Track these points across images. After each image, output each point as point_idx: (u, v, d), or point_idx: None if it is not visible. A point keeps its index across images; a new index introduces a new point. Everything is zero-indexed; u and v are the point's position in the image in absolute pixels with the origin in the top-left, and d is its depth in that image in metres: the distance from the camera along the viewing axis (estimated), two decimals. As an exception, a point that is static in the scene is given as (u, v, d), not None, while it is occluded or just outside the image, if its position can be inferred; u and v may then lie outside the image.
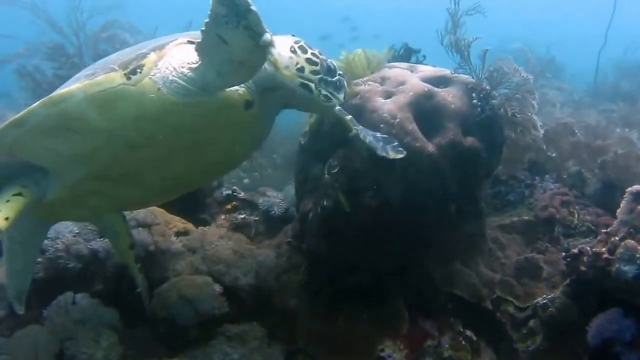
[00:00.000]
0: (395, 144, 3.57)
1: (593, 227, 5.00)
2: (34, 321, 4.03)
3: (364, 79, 4.16)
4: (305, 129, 4.76)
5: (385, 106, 3.82)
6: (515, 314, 4.29)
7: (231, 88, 2.77)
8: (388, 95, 3.97)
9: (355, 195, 3.94)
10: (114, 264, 4.34)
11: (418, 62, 4.89)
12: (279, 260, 4.81)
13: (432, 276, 4.46)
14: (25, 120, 2.69)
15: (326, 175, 4.12)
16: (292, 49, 2.93)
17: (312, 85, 2.91)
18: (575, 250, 3.85)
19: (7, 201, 2.78)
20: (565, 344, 3.94)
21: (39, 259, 4.15)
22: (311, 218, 4.38)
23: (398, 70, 4.22)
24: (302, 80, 2.90)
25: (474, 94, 3.97)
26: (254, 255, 4.68)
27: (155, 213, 4.76)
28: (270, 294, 4.66)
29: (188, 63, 2.67)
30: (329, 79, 2.96)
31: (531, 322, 4.18)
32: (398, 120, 3.72)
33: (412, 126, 3.75)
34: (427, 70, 4.28)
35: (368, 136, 3.52)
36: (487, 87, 3.98)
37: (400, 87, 3.99)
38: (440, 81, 4.13)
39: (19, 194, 2.83)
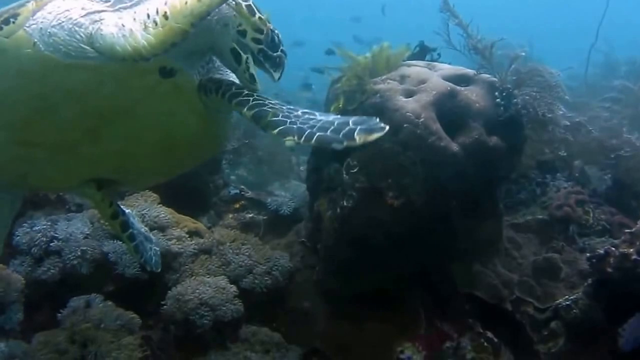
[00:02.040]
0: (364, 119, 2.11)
1: (608, 226, 4.99)
2: (48, 324, 3.94)
3: (383, 77, 4.08)
4: (320, 128, 4.68)
5: (408, 105, 3.75)
6: (535, 315, 4.25)
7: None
8: (409, 94, 3.91)
9: (376, 195, 3.87)
10: (125, 265, 4.25)
11: (433, 60, 4.83)
12: (293, 261, 4.75)
13: (449, 277, 4.41)
14: None
15: (345, 175, 4.05)
16: (236, 3, 2.41)
17: (243, 57, 2.43)
18: (601, 251, 3.80)
19: None
20: (589, 346, 3.91)
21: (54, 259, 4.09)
22: (328, 218, 4.31)
23: (418, 69, 4.16)
24: (235, 46, 2.43)
25: (496, 93, 3.92)
26: (267, 256, 4.61)
27: (166, 213, 4.67)
28: (284, 295, 4.60)
29: (81, 8, 2.27)
30: (270, 52, 2.49)
31: (553, 324, 4.14)
32: (422, 119, 3.67)
33: (436, 126, 3.70)
34: (446, 68, 4.23)
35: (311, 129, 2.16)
36: (509, 86, 3.93)
37: (422, 85, 3.93)
38: (461, 80, 4.08)
39: None
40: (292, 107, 2.37)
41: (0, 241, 3.39)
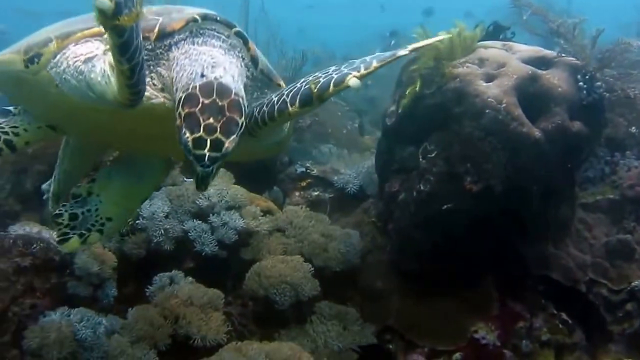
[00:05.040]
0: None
1: (681, 207, 4.90)
2: (134, 298, 4.17)
3: (461, 60, 4.06)
4: (391, 109, 4.69)
5: (490, 90, 3.74)
6: (609, 297, 4.26)
7: (152, 100, 2.30)
8: (489, 78, 3.89)
9: (454, 180, 3.91)
10: (204, 243, 4.42)
11: (507, 39, 4.75)
12: (364, 241, 4.85)
13: (521, 258, 4.43)
14: None
15: (422, 160, 4.10)
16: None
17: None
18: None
19: (39, 127, 2.87)
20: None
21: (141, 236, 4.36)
22: (402, 200, 4.37)
23: (495, 51, 4.12)
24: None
25: (579, 76, 3.86)
26: (339, 236, 4.71)
27: (243, 193, 4.81)
28: (357, 274, 4.72)
29: (86, 54, 2.30)
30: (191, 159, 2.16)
31: (628, 306, 4.15)
32: (504, 105, 3.66)
33: (518, 111, 3.68)
34: (524, 50, 4.16)
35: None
36: (592, 69, 3.87)
37: (502, 69, 3.90)
38: (541, 62, 4.02)
39: (39, 127, 2.89)
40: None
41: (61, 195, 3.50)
